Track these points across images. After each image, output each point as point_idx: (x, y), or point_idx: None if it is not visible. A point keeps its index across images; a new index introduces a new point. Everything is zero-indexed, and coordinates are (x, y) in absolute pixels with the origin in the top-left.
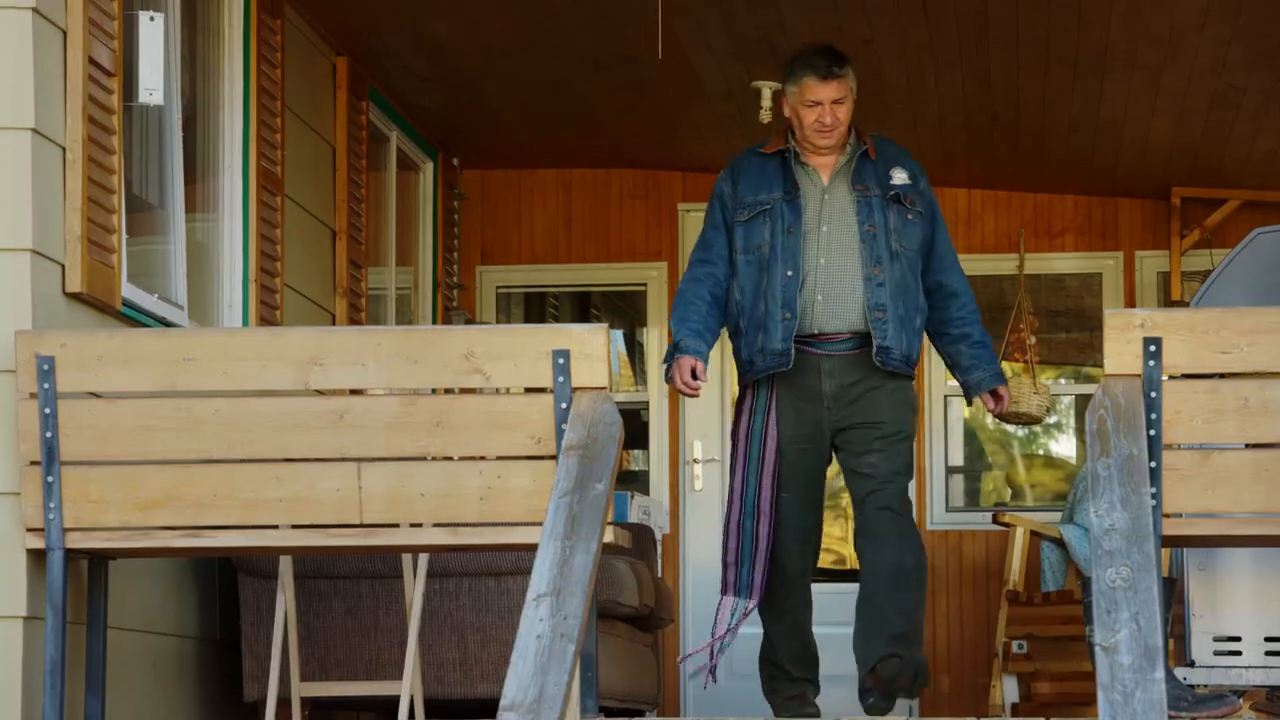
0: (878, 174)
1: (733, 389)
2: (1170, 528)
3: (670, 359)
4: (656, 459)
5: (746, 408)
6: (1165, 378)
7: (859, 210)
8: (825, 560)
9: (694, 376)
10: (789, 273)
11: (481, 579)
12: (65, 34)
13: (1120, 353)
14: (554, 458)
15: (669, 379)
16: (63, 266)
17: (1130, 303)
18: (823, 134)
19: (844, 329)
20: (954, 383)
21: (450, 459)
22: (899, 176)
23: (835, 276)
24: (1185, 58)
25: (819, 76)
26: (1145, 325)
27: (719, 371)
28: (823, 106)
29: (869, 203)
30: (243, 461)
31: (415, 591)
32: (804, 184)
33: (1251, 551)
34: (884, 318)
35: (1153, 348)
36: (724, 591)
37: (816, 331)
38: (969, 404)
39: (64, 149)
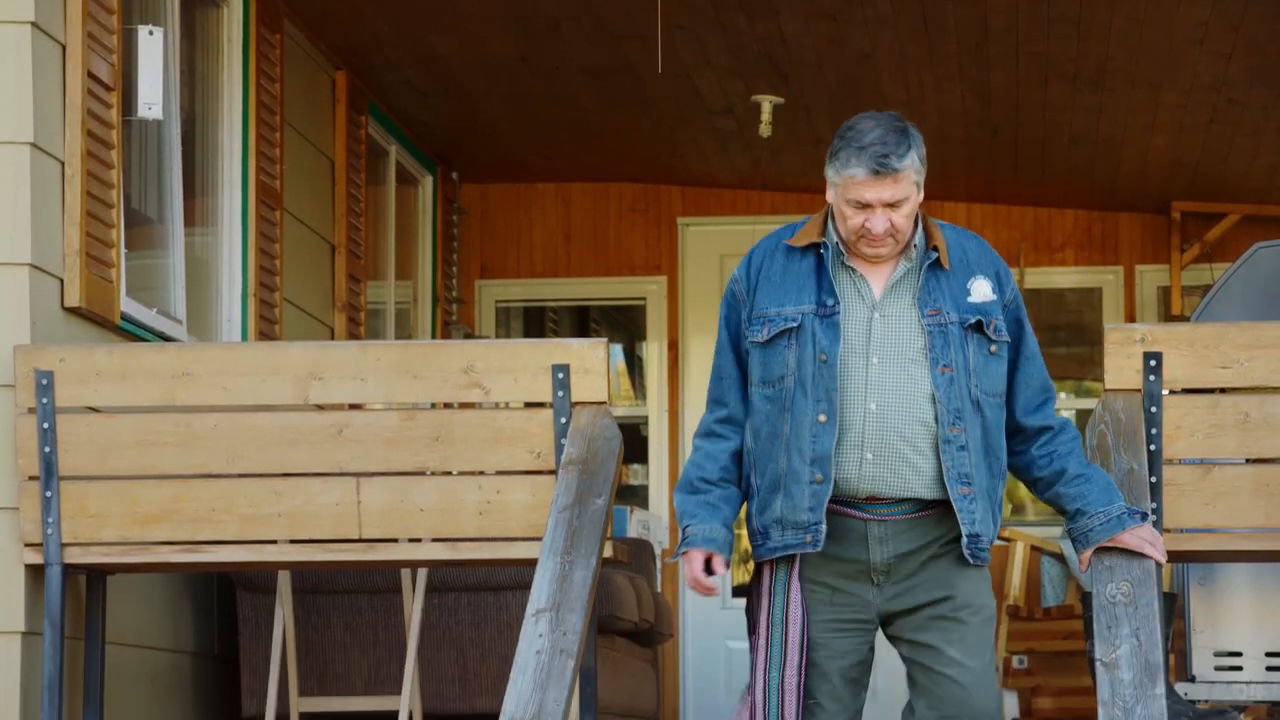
0: (953, 289)
1: None
2: (1170, 543)
3: (680, 550)
4: (656, 473)
5: (764, 588)
6: (1165, 392)
7: (932, 343)
8: None
9: (709, 571)
10: (821, 418)
11: (480, 594)
12: (64, 48)
13: (1120, 367)
14: (553, 472)
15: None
16: (61, 281)
17: (1130, 317)
18: (872, 244)
19: (901, 495)
20: None
21: (449, 474)
22: (980, 291)
23: (892, 429)
24: (1185, 73)
25: (868, 171)
26: (1145, 340)
27: None
28: (871, 210)
29: (944, 333)
30: (241, 476)
31: (414, 606)
32: (847, 294)
33: (1252, 566)
34: (970, 494)
35: (1153, 362)
36: None
37: (865, 496)
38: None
39: (63, 163)
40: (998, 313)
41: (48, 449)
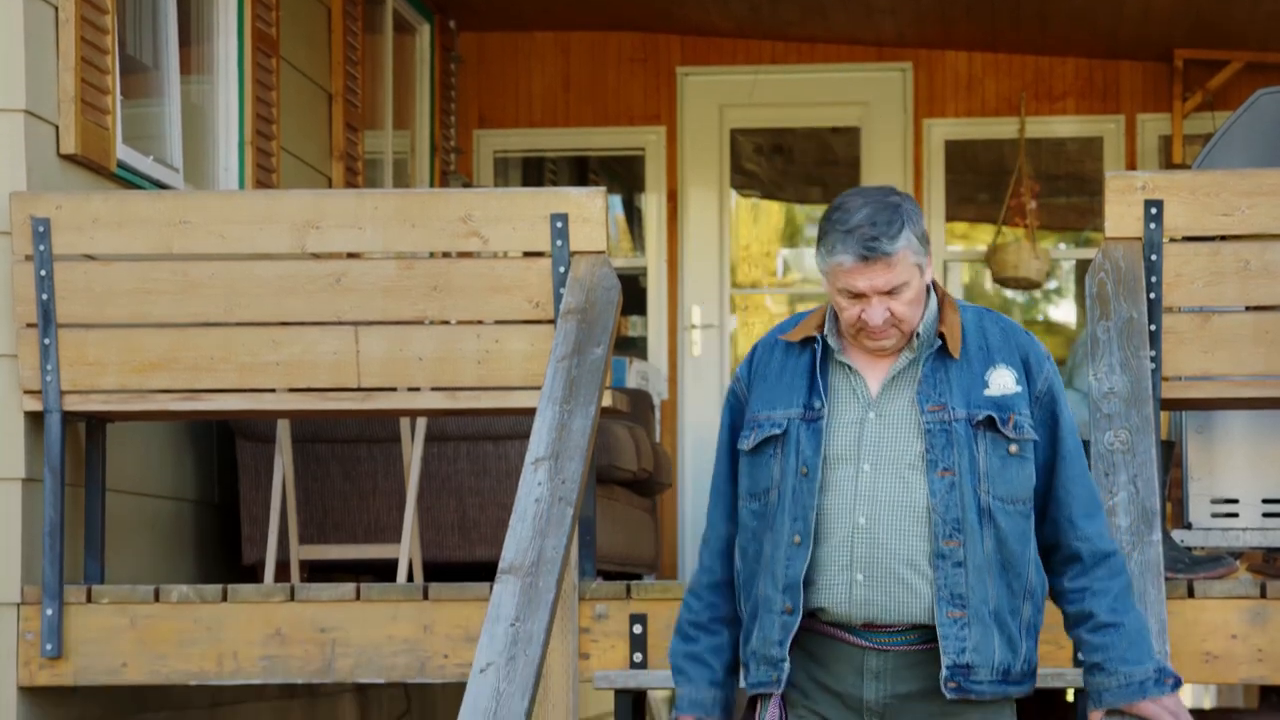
0: (965, 381)
1: (732, 253)
2: (1169, 391)
3: (674, 715)
4: (655, 325)
5: None
6: (1166, 240)
7: (930, 443)
8: None
9: None
10: (796, 539)
11: (480, 443)
12: None
13: (1121, 215)
14: (552, 322)
15: None
16: (57, 128)
17: (1131, 166)
18: (873, 336)
19: (901, 621)
20: (953, 247)
21: (447, 323)
22: (1000, 382)
23: (884, 546)
24: None
25: (856, 257)
26: (1146, 188)
27: (717, 237)
28: (866, 300)
29: (946, 431)
30: (239, 325)
31: (413, 455)
32: (839, 394)
33: (1250, 414)
34: (960, 618)
35: (1154, 210)
36: None
37: (860, 623)
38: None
39: (56, 8)
40: (1022, 407)
41: (45, 296)
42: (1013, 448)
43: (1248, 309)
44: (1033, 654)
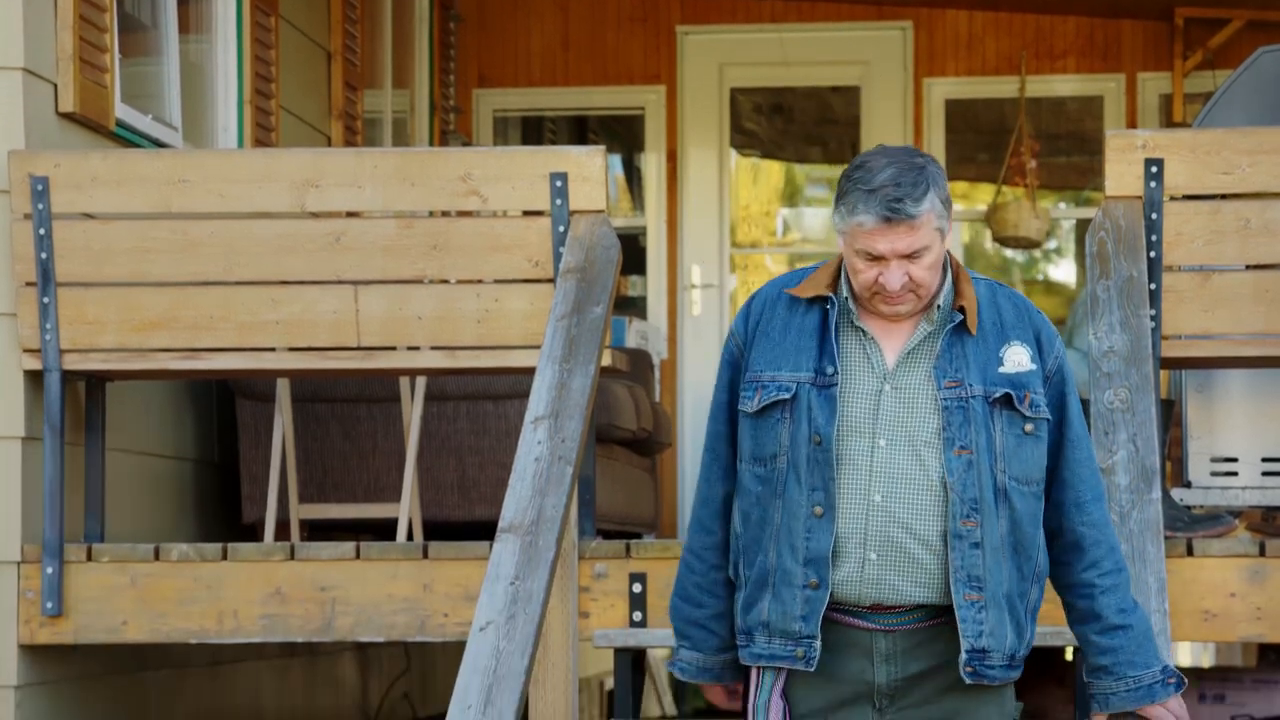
0: (982, 357)
1: (732, 212)
2: (1169, 349)
3: (674, 664)
4: (655, 284)
5: (749, 702)
6: (1166, 199)
7: (948, 420)
8: None
9: (731, 695)
10: (817, 510)
11: (479, 402)
12: None
13: (1121, 174)
14: (551, 281)
15: None
16: (55, 86)
17: (1132, 125)
18: (889, 301)
19: (911, 601)
20: (954, 206)
21: (447, 282)
22: (1015, 359)
23: (899, 525)
24: None
25: (878, 218)
26: (1147, 146)
27: (717, 197)
28: (885, 263)
29: (963, 409)
30: (239, 284)
31: (413, 414)
32: (853, 362)
33: (1250, 373)
34: (978, 600)
35: (1154, 169)
36: None
37: (869, 605)
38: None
39: None
40: (1036, 385)
41: (44, 255)
42: (1028, 426)
43: (1248, 267)
44: (1030, 640)
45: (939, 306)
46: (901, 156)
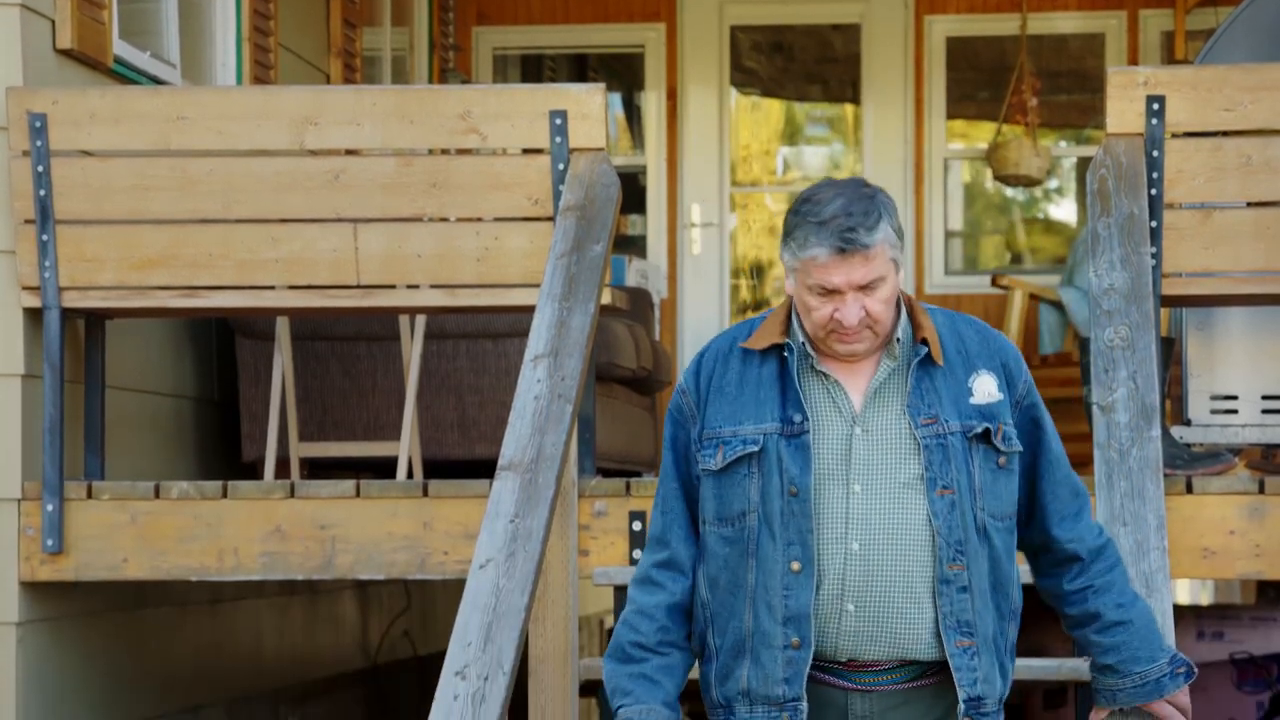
0: (952, 390)
1: (732, 151)
2: (1170, 287)
3: None
4: (654, 223)
5: None
6: (1167, 136)
7: (929, 460)
8: None
9: None
10: (794, 566)
11: (479, 340)
12: None
13: (1123, 111)
14: (551, 219)
15: None
16: (53, 22)
17: (1133, 63)
18: (845, 339)
19: (892, 657)
20: (954, 145)
21: (446, 220)
22: (984, 390)
23: (880, 573)
24: None
25: (831, 249)
26: (1148, 83)
27: (717, 135)
28: (841, 297)
29: (943, 446)
30: (238, 222)
31: (413, 353)
32: (820, 407)
33: (1250, 310)
34: (970, 646)
35: (1155, 106)
36: None
37: (845, 660)
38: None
39: None
40: (1006, 416)
41: (43, 192)
42: (1002, 460)
43: (1249, 205)
44: (1010, 679)
45: (898, 340)
46: (850, 188)
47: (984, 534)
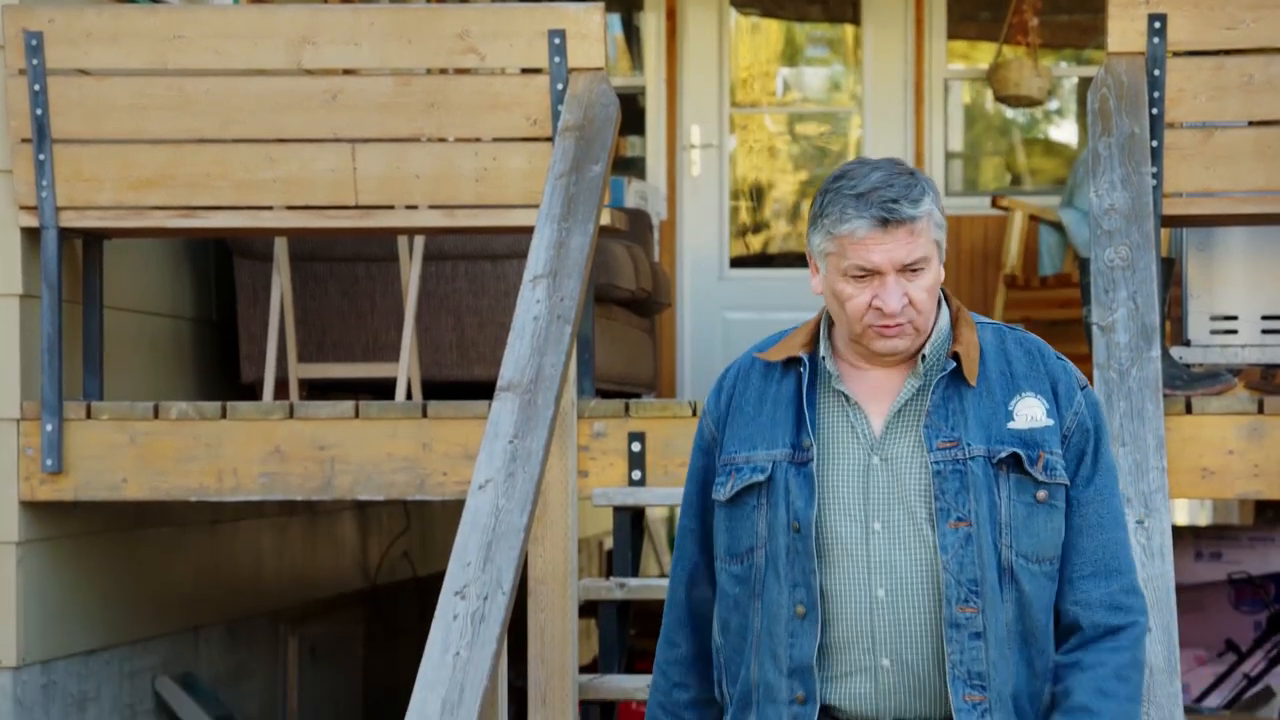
0: (985, 411)
1: (732, 72)
2: (1170, 207)
3: None
4: (653, 145)
5: None
6: (1169, 55)
7: (941, 487)
8: None
9: None
10: (799, 610)
11: (478, 261)
12: None
13: (1124, 30)
14: (550, 139)
15: None
16: None
17: None
18: (886, 331)
19: (940, 714)
20: (955, 65)
21: (445, 140)
22: (1027, 413)
23: (912, 623)
24: None
25: (873, 222)
26: (1150, 1)
27: (716, 56)
28: (883, 279)
29: (960, 472)
30: (236, 141)
31: (411, 274)
32: (835, 430)
33: (1250, 231)
34: (980, 702)
35: (1157, 24)
36: None
37: (856, 715)
38: None
39: None
40: (1053, 444)
41: (40, 111)
42: (1041, 494)
43: (1250, 124)
44: None
45: (924, 356)
46: (887, 163)
47: (1010, 576)
